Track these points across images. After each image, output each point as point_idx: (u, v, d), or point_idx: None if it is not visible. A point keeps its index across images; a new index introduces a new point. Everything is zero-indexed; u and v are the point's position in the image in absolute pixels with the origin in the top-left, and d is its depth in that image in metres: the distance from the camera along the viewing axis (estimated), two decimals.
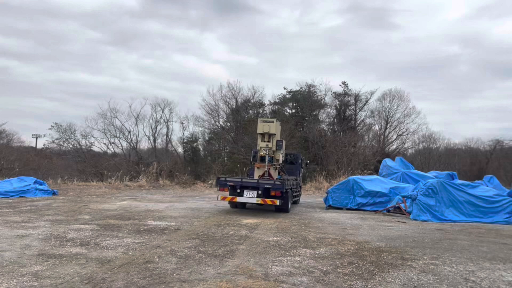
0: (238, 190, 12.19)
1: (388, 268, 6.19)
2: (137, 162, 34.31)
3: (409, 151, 45.68)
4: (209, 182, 25.24)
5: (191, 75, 73.45)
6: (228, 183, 12.30)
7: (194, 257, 6.34)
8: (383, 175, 18.15)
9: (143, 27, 74.78)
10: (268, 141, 13.59)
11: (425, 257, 7.11)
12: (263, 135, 13.72)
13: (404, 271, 6.08)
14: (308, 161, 20.42)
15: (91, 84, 71.40)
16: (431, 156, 41.79)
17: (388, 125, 45.33)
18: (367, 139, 43.35)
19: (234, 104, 42.57)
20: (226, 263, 6.11)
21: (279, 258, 6.61)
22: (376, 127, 45.10)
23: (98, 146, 36.26)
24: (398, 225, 11.46)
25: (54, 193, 16.90)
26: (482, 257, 7.27)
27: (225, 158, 40.35)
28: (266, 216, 12.02)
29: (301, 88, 43.21)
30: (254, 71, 67.09)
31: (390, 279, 5.61)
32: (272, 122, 13.77)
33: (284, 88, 43.40)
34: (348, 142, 34.64)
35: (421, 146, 48.26)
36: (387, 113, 45.14)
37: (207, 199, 17.33)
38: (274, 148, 13.65)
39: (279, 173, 14.25)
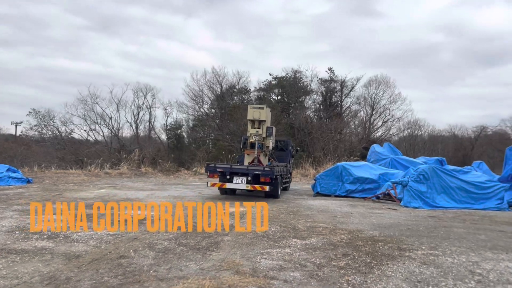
0: (228, 177, 12.13)
1: (386, 260, 5.71)
2: (119, 149, 33.39)
3: (394, 137, 45.76)
4: (193, 170, 24.57)
5: (176, 62, 71.96)
6: (217, 170, 12.26)
7: (174, 251, 5.74)
8: (371, 161, 17.77)
9: (126, 12, 72.63)
10: (258, 128, 13.45)
11: (423, 247, 6.66)
12: (253, 121, 13.55)
13: (404, 263, 5.60)
14: (299, 148, 20.35)
15: (73, 71, 69.34)
16: (416, 142, 41.85)
17: (373, 112, 45.19)
18: (353, 126, 43.18)
19: (219, 90, 41.71)
20: (210, 256, 5.53)
21: (268, 250, 6.06)
22: (362, 113, 44.95)
23: (79, 133, 35.18)
24: (389, 212, 11.06)
25: (28, 181, 16.02)
26: (482, 246, 6.86)
27: (210, 145, 39.65)
28: (253, 204, 11.47)
29: (287, 74, 42.55)
30: (239, 58, 66.12)
31: (390, 272, 5.12)
32: (263, 108, 13.61)
33: (270, 74, 42.62)
34: (335, 128, 34.27)
35: (406, 133, 48.44)
36: (373, 99, 44.93)
37: (191, 186, 16.68)
38: (264, 135, 13.49)
39: (269, 159, 14.11)
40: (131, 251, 5.60)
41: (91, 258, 5.18)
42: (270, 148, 13.83)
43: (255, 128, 13.45)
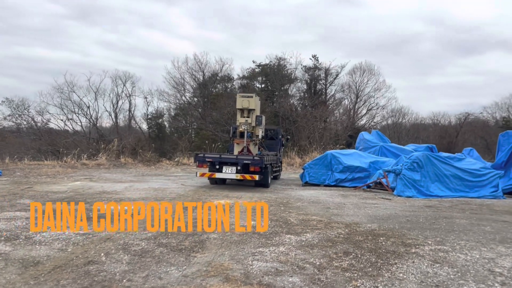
0: (217, 166, 12.02)
1: (393, 259, 5.08)
2: (97, 139, 32.19)
3: (377, 126, 45.60)
4: (175, 160, 23.67)
5: (157, 51, 70.00)
6: (206, 159, 12.13)
7: (153, 253, 4.98)
8: (360, 149, 17.24)
9: (106, 0, 69.96)
10: (248, 117, 13.19)
11: (429, 242, 6.07)
12: (242, 110, 13.25)
13: (413, 261, 4.98)
14: (289, 137, 20.16)
15: (51, 60, 66.70)
16: (401, 130, 41.74)
17: (358, 100, 44.89)
18: (337, 114, 42.80)
19: (201, 77, 40.64)
20: (195, 259, 4.79)
21: (260, 249, 5.36)
22: (346, 101, 44.63)
23: (55, 122, 33.74)
24: (383, 202, 10.51)
25: None
26: (491, 240, 6.32)
27: (193, 135, 38.69)
28: (240, 195, 10.76)
29: (270, 61, 41.73)
30: (222, 47, 64.76)
31: (401, 274, 4.49)
32: (252, 97, 13.35)
33: (253, 62, 41.76)
34: (320, 116, 33.73)
35: (389, 121, 48.37)
36: (357, 87, 44.58)
37: (173, 177, 15.85)
38: (253, 124, 13.26)
39: (259, 148, 13.91)
40: (102, 254, 4.82)
41: (53, 265, 4.38)
42: (260, 137, 13.67)
43: (244, 117, 13.20)
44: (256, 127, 13.38)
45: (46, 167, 18.53)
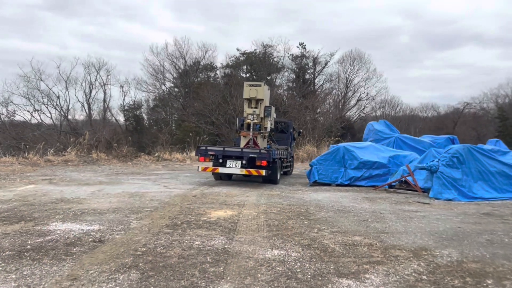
0: (221, 160, 11.12)
1: None
2: (69, 132, 29.19)
3: (367, 117, 43.85)
4: (156, 155, 21.00)
5: (136, 43, 66.85)
6: (209, 152, 11.28)
7: None
8: (369, 142, 15.01)
9: None
10: (256, 107, 12.20)
11: None
12: (250, 100, 12.25)
13: None
14: (301, 130, 18.50)
15: (27, 52, 63.17)
16: (394, 120, 40.01)
17: (348, 90, 43.00)
18: (328, 106, 40.78)
19: (182, 65, 37.89)
20: None
21: None
22: (335, 91, 42.71)
23: (21, 114, 30.51)
24: (424, 209, 8.26)
25: None
26: None
27: (173, 127, 36.00)
28: (242, 202, 8.31)
29: (256, 49, 39.25)
30: (202, 40, 62.22)
31: None
32: (260, 86, 12.27)
33: (237, 50, 39.12)
34: (312, 107, 31.51)
35: (378, 113, 46.72)
36: (347, 77, 42.68)
37: (153, 177, 13.24)
38: (262, 115, 12.26)
39: (268, 142, 12.68)
40: None
41: None
42: (268, 129, 12.38)
43: (252, 107, 12.20)
44: (265, 118, 12.26)
45: (1, 165, 15.63)
